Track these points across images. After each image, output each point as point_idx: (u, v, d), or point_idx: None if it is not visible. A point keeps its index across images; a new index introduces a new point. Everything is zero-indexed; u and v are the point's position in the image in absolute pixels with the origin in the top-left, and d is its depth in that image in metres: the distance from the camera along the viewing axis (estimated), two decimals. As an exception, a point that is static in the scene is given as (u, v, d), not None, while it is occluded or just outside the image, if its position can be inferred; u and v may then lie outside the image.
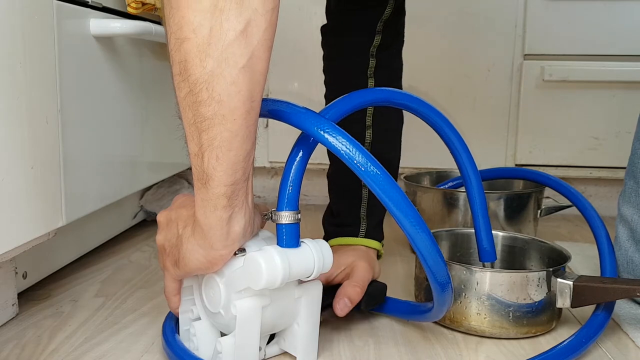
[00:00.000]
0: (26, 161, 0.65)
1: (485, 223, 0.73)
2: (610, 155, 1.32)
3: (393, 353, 0.64)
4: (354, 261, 0.72)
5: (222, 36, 0.46)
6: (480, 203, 0.72)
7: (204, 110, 0.48)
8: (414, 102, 0.65)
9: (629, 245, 0.77)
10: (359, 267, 0.71)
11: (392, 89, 0.64)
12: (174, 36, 0.48)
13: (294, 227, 0.56)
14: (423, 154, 1.36)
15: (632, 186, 0.78)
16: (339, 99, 0.60)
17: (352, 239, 0.77)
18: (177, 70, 0.49)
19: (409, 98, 0.65)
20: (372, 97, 0.63)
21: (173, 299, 0.62)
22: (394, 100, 0.64)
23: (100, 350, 0.64)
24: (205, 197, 0.51)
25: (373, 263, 0.74)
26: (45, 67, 0.69)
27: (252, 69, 0.48)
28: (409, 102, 0.65)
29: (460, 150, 0.70)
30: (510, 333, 0.67)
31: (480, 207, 0.73)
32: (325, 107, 0.59)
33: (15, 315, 0.72)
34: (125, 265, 0.93)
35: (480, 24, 1.31)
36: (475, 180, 0.72)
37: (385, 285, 0.73)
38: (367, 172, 0.52)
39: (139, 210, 1.15)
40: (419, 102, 0.65)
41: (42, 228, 0.69)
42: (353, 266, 0.71)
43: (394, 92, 0.64)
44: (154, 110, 1.04)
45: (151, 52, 1.02)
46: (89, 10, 0.81)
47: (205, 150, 0.49)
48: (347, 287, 0.68)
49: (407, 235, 0.54)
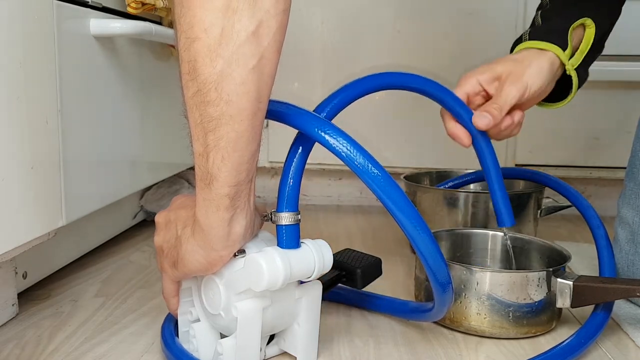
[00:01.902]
0: (26, 161, 0.65)
1: (500, 188, 0.75)
2: (610, 155, 1.32)
3: (393, 353, 0.64)
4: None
5: (234, 36, 0.46)
6: (494, 165, 0.75)
7: (211, 110, 0.48)
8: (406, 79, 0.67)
9: (629, 248, 0.77)
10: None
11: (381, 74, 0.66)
12: (184, 35, 0.47)
13: (294, 228, 0.56)
14: (423, 154, 1.37)
15: (632, 188, 0.78)
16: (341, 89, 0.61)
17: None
18: (186, 69, 0.48)
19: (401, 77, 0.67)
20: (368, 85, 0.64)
21: (172, 300, 0.62)
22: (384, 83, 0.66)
23: (100, 350, 0.64)
24: (207, 197, 0.51)
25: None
26: (45, 67, 0.69)
27: (262, 70, 0.48)
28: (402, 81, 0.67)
29: (465, 117, 0.72)
30: (510, 333, 0.68)
31: (494, 171, 0.75)
32: (326, 99, 0.60)
33: (15, 315, 0.72)
34: (125, 265, 0.93)
35: (480, 24, 1.31)
36: (486, 145, 0.74)
37: (380, 260, 0.72)
38: (368, 173, 0.52)
39: (139, 210, 1.15)
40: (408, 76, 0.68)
41: (42, 228, 0.69)
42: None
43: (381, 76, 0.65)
44: (154, 110, 1.04)
45: (151, 52, 1.02)
46: (89, 10, 0.81)
47: (211, 150, 0.49)
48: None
49: (407, 235, 0.54)
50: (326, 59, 1.34)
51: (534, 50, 0.76)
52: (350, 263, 0.70)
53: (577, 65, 0.77)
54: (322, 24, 1.34)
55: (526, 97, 0.74)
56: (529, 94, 0.74)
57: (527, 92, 0.73)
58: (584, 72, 0.80)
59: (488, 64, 0.77)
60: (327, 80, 1.34)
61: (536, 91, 0.74)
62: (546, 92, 0.77)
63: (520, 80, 0.73)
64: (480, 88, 0.76)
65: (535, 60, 0.75)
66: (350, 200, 1.46)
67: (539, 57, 0.75)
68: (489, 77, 0.75)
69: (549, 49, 0.75)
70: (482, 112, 0.72)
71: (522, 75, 0.73)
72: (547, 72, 0.74)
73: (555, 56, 0.75)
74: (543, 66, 0.74)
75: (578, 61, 0.77)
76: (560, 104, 0.81)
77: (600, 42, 0.81)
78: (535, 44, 0.76)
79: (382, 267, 0.72)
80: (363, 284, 0.70)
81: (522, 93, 0.73)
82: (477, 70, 0.76)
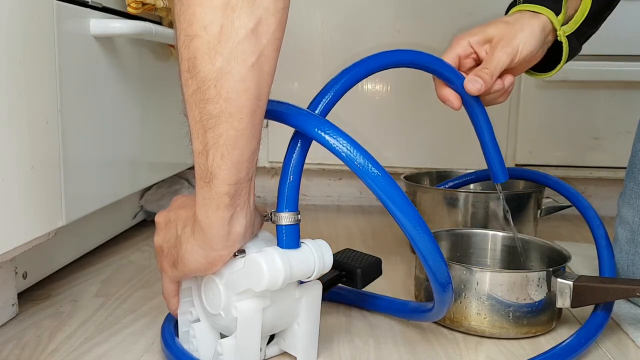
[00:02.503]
0: (26, 161, 0.65)
1: (493, 145, 0.77)
2: (610, 155, 1.32)
3: (393, 353, 0.64)
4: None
5: (233, 34, 0.46)
6: (486, 123, 0.77)
7: (211, 107, 0.48)
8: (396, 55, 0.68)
9: (629, 248, 0.77)
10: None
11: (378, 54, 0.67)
12: (184, 33, 0.48)
13: (294, 228, 0.56)
14: (423, 154, 1.37)
15: (632, 188, 0.78)
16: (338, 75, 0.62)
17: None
18: (186, 67, 0.48)
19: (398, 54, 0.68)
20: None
21: (172, 300, 0.62)
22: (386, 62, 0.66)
23: (100, 350, 0.64)
24: (207, 195, 0.51)
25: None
26: (45, 67, 0.69)
27: (261, 68, 0.48)
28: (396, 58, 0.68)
29: (457, 81, 0.73)
30: (510, 333, 0.67)
31: (486, 128, 0.77)
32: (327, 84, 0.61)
33: (15, 315, 0.72)
34: (125, 265, 0.93)
35: (480, 24, 1.31)
36: (477, 104, 0.76)
37: (380, 260, 0.72)
38: (368, 173, 0.52)
39: (139, 210, 1.15)
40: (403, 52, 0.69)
41: (42, 228, 0.69)
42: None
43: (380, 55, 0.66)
44: (154, 110, 1.04)
45: (151, 52, 1.02)
46: (89, 10, 0.81)
47: (210, 148, 0.49)
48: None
49: (407, 235, 0.54)
50: (326, 59, 1.34)
51: (528, 13, 0.76)
52: (350, 263, 0.70)
53: (570, 33, 0.77)
54: (322, 23, 1.34)
55: (516, 61, 0.74)
56: (520, 58, 0.74)
57: (517, 57, 0.73)
58: (576, 43, 0.79)
59: (480, 25, 0.77)
60: (327, 80, 1.33)
61: (526, 55, 0.74)
62: (537, 58, 0.77)
63: (510, 44, 0.73)
64: (472, 50, 0.76)
65: (527, 24, 0.74)
66: (350, 200, 1.46)
67: (531, 20, 0.75)
68: (480, 39, 0.75)
69: (542, 12, 0.75)
70: (474, 77, 0.72)
71: (513, 39, 0.73)
72: (538, 36, 0.74)
73: (547, 20, 0.75)
74: (535, 30, 0.74)
75: (571, 29, 0.77)
76: (550, 73, 0.81)
77: (597, 17, 0.81)
78: (529, 6, 0.76)
79: (382, 267, 0.72)
80: (363, 284, 0.70)
81: (513, 57, 0.73)
82: (470, 32, 0.76)
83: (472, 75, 0.72)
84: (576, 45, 0.80)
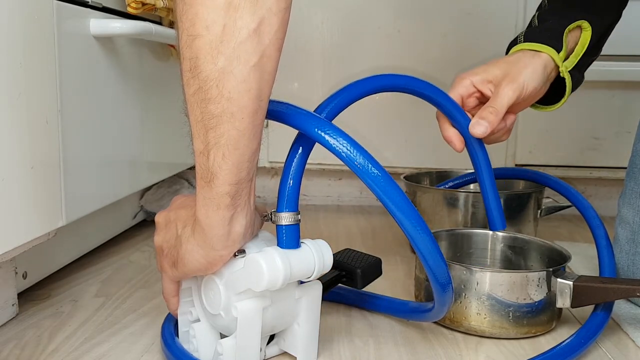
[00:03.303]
0: (26, 161, 0.65)
1: (493, 192, 0.77)
2: (610, 155, 1.32)
3: (393, 353, 0.64)
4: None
5: (235, 34, 0.46)
6: (487, 168, 0.76)
7: (212, 107, 0.48)
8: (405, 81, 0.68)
9: (629, 248, 0.77)
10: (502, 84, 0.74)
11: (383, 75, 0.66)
12: (186, 33, 0.48)
13: (294, 228, 0.56)
14: (423, 154, 1.37)
15: (632, 187, 0.78)
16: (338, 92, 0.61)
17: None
18: (187, 66, 0.48)
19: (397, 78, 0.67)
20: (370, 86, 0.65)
21: (172, 300, 0.62)
22: (387, 85, 0.66)
23: (100, 350, 0.64)
24: (208, 195, 0.51)
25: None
26: (45, 67, 0.69)
27: (263, 68, 0.48)
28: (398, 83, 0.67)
29: (462, 122, 0.73)
30: (510, 333, 0.68)
31: (487, 174, 0.77)
32: (325, 100, 0.60)
33: (15, 315, 0.72)
34: (125, 265, 0.93)
35: (480, 24, 1.31)
36: (480, 149, 0.76)
37: (380, 260, 0.72)
38: (368, 173, 0.52)
39: (139, 210, 1.15)
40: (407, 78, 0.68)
41: (42, 228, 0.69)
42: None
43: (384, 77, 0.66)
44: (154, 110, 1.04)
45: (151, 52, 1.02)
46: (89, 10, 0.81)
47: (212, 148, 0.49)
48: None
49: (407, 235, 0.54)
50: (326, 59, 1.34)
51: (529, 51, 0.76)
52: (350, 263, 0.70)
53: (571, 67, 0.77)
54: (322, 23, 1.34)
55: (522, 97, 0.74)
56: (525, 94, 0.74)
57: (523, 93, 0.74)
58: (578, 75, 0.80)
59: (482, 65, 0.77)
60: (327, 80, 1.34)
61: (532, 92, 0.74)
62: (540, 94, 0.78)
63: (516, 81, 0.73)
64: (474, 89, 0.76)
65: (530, 62, 0.75)
66: (350, 200, 1.46)
67: (533, 59, 0.75)
68: (483, 78, 0.76)
69: (543, 50, 0.75)
70: (479, 120, 0.72)
71: (517, 76, 0.74)
72: (540, 73, 0.75)
73: (549, 58, 0.75)
74: (537, 68, 0.74)
75: (572, 64, 0.78)
76: (554, 107, 0.82)
77: (597, 45, 0.81)
78: (529, 45, 0.76)
79: (382, 267, 0.72)
80: (363, 284, 0.70)
81: (519, 93, 0.73)
82: (471, 71, 0.77)
83: (477, 117, 0.72)
84: (579, 77, 0.81)
